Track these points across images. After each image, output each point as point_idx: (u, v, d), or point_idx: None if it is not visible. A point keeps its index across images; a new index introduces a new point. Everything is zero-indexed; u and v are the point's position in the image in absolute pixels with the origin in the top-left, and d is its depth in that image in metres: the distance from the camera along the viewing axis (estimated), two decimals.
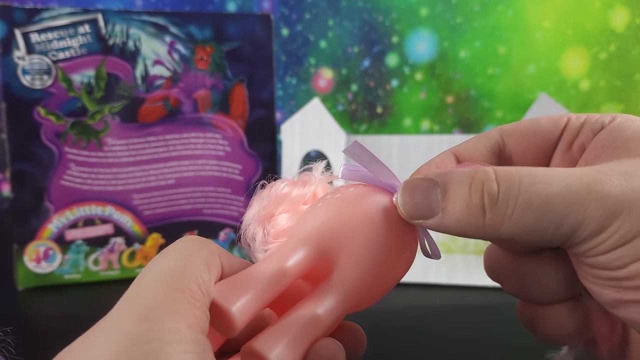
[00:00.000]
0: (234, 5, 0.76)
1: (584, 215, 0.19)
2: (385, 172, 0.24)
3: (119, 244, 0.52)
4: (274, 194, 0.26)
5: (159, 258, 0.20)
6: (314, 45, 0.76)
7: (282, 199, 0.25)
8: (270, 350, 0.20)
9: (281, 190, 0.26)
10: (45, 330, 0.43)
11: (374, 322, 0.28)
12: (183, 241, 0.21)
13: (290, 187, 0.26)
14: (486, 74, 0.73)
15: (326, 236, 0.22)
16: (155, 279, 0.19)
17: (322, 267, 0.22)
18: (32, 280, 0.50)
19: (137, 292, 0.18)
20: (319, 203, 0.24)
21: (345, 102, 0.76)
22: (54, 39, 0.49)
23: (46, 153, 0.50)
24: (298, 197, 0.26)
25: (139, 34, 0.51)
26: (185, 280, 0.19)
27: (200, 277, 0.19)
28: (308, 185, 0.26)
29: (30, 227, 0.50)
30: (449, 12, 0.73)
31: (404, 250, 0.23)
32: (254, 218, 0.26)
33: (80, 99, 0.50)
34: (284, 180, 0.26)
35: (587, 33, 0.70)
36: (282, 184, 0.26)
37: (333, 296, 0.22)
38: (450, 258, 0.56)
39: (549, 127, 0.25)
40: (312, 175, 0.26)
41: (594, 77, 0.71)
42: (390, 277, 0.23)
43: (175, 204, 0.54)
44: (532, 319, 0.25)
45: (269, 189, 0.26)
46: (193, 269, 0.19)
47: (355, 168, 0.25)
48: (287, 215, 0.25)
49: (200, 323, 0.18)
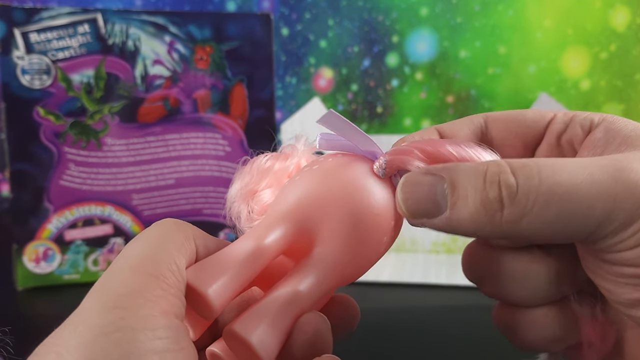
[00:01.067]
0: (234, 5, 0.75)
1: (613, 205, 0.18)
2: (363, 139, 0.22)
3: (119, 244, 0.52)
4: (256, 169, 0.25)
5: (132, 243, 0.19)
6: (314, 45, 0.75)
7: (264, 174, 0.25)
8: (251, 332, 0.19)
9: (263, 165, 0.25)
10: (44, 330, 0.43)
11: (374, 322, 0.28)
12: (158, 225, 0.20)
13: (272, 160, 0.25)
14: (486, 74, 0.73)
15: (305, 211, 0.21)
16: (128, 265, 0.18)
17: (304, 243, 0.22)
18: (31, 280, 0.50)
19: (107, 280, 0.18)
20: (297, 176, 0.23)
21: (345, 102, 0.76)
22: (53, 39, 0.49)
23: (45, 153, 0.50)
24: (281, 170, 0.25)
25: (139, 34, 0.51)
26: (158, 265, 0.18)
27: (174, 263, 0.19)
28: (290, 158, 0.25)
29: (29, 228, 0.50)
30: (449, 11, 0.72)
31: (388, 219, 0.22)
32: (237, 195, 0.25)
33: (79, 98, 0.50)
34: (266, 154, 0.25)
35: (588, 33, 0.70)
36: (264, 158, 0.25)
37: (314, 272, 0.21)
38: (450, 258, 0.55)
39: (534, 118, 0.24)
40: (294, 148, 0.25)
41: (595, 76, 0.71)
42: (375, 248, 0.22)
43: (175, 204, 0.54)
44: (512, 324, 0.23)
45: (251, 164, 0.25)
46: (166, 254, 0.19)
47: (332, 137, 0.23)
48: (270, 190, 0.25)
49: (174, 309, 0.18)
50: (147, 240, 0.19)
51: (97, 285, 0.18)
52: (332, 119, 0.22)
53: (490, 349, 0.38)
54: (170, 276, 0.18)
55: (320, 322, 0.20)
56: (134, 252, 0.19)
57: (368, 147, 0.23)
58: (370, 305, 0.44)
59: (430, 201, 0.20)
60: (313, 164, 0.23)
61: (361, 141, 0.22)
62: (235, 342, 0.20)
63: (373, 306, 0.45)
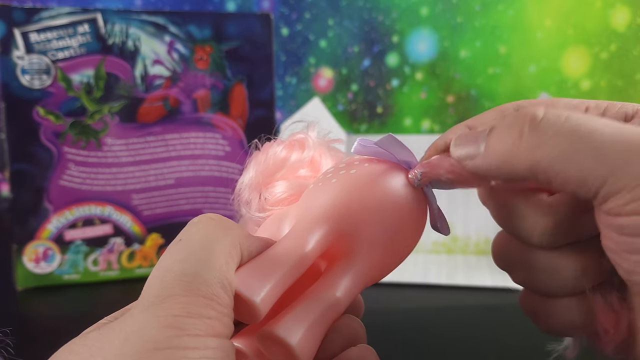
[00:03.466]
0: (234, 5, 0.75)
1: (630, 156, 0.18)
2: (401, 149, 0.23)
3: (119, 244, 0.52)
4: (271, 158, 0.25)
5: (179, 250, 0.19)
6: (314, 44, 0.75)
7: (280, 164, 0.25)
8: (293, 336, 0.20)
9: (279, 154, 0.25)
10: (44, 330, 0.43)
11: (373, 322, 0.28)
12: (202, 225, 0.20)
13: (287, 150, 0.25)
14: (487, 74, 0.73)
15: (345, 216, 0.22)
16: (181, 284, 0.18)
17: (340, 246, 0.22)
18: (31, 280, 0.50)
19: (161, 295, 0.18)
20: (333, 178, 0.23)
21: (345, 101, 0.76)
22: (53, 39, 0.49)
23: (45, 153, 0.50)
24: (297, 162, 0.25)
25: (139, 34, 0.51)
26: (211, 287, 0.18)
27: (225, 280, 0.19)
28: (307, 150, 0.25)
29: (29, 227, 0.50)
30: (450, 11, 0.72)
31: (418, 227, 0.24)
32: (250, 182, 0.25)
33: (79, 98, 0.50)
34: (280, 142, 0.25)
35: (588, 33, 0.70)
36: (279, 147, 0.25)
37: (351, 277, 0.22)
38: (450, 258, 0.55)
39: (567, 108, 0.24)
40: (308, 137, 0.25)
41: (595, 76, 0.71)
42: (403, 252, 0.24)
43: (175, 204, 0.53)
44: (537, 310, 0.24)
45: (266, 152, 0.25)
46: (217, 270, 0.19)
47: (369, 143, 0.24)
48: (285, 183, 0.25)
49: (225, 330, 0.18)
50: (194, 246, 0.19)
51: (150, 298, 0.18)
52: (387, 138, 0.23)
53: (490, 349, 0.38)
54: (223, 296, 0.18)
55: (358, 327, 0.22)
56: (184, 262, 0.19)
57: (404, 157, 0.23)
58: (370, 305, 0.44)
59: (472, 140, 0.21)
60: (349, 166, 0.23)
61: (398, 150, 0.23)
62: (271, 342, 0.20)
63: (373, 306, 0.45)
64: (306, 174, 0.26)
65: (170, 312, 0.17)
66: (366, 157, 0.24)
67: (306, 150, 0.25)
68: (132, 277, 0.53)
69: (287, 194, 0.24)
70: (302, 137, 0.26)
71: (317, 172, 0.26)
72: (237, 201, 0.25)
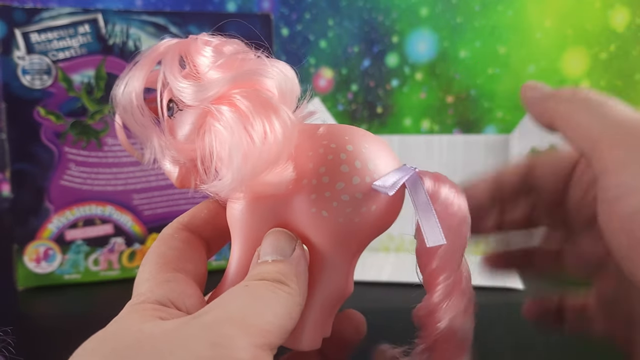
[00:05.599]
0: (234, 5, 0.75)
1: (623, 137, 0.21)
2: (431, 218, 0.22)
3: (119, 244, 0.52)
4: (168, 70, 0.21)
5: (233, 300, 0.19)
6: (314, 45, 0.75)
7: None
8: (299, 341, 0.22)
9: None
10: (45, 330, 0.43)
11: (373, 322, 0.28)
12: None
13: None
14: (486, 74, 0.73)
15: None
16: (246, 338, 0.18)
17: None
18: (32, 280, 0.50)
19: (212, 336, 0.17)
20: (329, 206, 0.22)
21: (345, 102, 0.76)
22: (54, 39, 0.49)
23: (46, 153, 0.50)
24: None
25: (139, 34, 0.51)
26: (270, 336, 0.18)
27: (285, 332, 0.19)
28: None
29: (30, 227, 0.50)
30: (449, 11, 0.73)
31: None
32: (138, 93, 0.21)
33: (80, 98, 0.50)
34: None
35: (588, 33, 0.70)
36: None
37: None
38: None
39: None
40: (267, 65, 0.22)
41: (594, 77, 0.71)
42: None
43: (175, 204, 0.54)
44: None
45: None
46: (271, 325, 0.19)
47: (387, 183, 0.22)
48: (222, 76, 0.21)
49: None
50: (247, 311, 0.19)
51: (202, 325, 0.18)
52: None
53: (490, 349, 0.38)
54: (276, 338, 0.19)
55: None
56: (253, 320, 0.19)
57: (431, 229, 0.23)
58: (370, 305, 0.45)
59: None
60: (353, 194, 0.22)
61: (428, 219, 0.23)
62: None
63: (373, 306, 0.45)
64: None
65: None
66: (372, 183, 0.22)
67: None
68: (133, 277, 0.53)
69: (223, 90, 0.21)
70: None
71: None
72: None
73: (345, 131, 0.22)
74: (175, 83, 0.21)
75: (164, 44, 0.22)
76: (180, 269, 0.22)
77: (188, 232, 0.24)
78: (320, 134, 0.22)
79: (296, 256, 0.21)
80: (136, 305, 0.20)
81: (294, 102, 0.22)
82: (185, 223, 0.24)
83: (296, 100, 0.22)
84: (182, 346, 0.17)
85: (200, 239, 0.24)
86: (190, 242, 0.23)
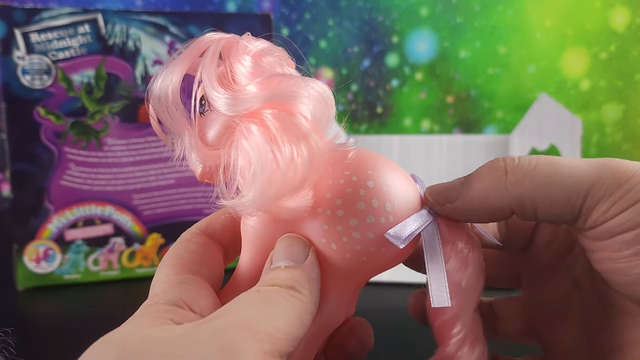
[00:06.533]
0: (234, 5, 0.75)
1: (598, 177, 0.21)
2: (440, 274, 0.23)
3: (119, 244, 0.52)
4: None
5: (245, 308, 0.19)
6: (314, 45, 0.75)
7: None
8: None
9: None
10: (45, 330, 0.43)
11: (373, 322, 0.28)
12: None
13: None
14: (486, 74, 0.73)
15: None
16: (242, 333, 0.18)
17: None
18: (32, 280, 0.50)
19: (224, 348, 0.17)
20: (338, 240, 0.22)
21: (345, 102, 0.76)
22: (53, 39, 0.49)
23: (46, 153, 0.50)
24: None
25: (139, 34, 0.51)
26: (280, 343, 0.18)
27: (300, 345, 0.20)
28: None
29: (30, 227, 0.50)
30: (449, 11, 0.73)
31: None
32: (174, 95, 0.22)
33: (80, 99, 0.50)
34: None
35: (588, 33, 0.70)
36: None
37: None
38: None
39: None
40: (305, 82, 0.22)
41: (595, 77, 0.71)
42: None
43: (175, 204, 0.54)
44: None
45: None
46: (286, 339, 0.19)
47: (403, 235, 0.22)
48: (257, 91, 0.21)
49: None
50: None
51: (212, 332, 0.18)
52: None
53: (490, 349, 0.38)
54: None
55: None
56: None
57: (438, 282, 0.24)
58: (370, 305, 0.45)
59: (451, 188, 0.23)
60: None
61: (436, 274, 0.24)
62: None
63: (373, 306, 0.45)
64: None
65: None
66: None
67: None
68: (133, 277, 0.53)
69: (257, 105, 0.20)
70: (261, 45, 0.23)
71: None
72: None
73: (370, 164, 0.22)
74: (211, 90, 0.21)
75: (206, 38, 0.22)
76: (196, 272, 0.22)
77: (205, 237, 0.24)
78: (344, 164, 0.22)
79: (309, 263, 0.21)
80: (149, 306, 0.20)
81: (327, 127, 0.22)
82: (203, 228, 0.24)
83: (329, 125, 0.22)
84: (190, 351, 0.17)
85: (217, 244, 0.24)
86: (207, 246, 0.23)
